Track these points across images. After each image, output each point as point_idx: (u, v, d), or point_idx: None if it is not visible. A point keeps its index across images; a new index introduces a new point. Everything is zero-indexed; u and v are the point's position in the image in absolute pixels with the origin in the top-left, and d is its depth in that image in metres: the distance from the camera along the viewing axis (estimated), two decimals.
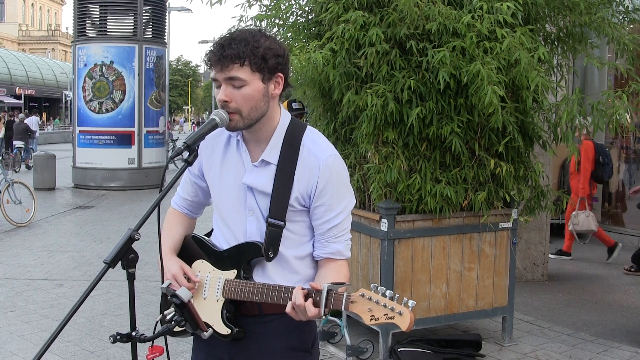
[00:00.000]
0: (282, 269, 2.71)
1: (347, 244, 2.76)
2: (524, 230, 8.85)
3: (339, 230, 2.71)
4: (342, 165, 2.72)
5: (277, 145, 2.68)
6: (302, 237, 2.74)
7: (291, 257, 2.72)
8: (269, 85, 2.60)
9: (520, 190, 6.09)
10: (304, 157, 2.66)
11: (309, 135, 2.72)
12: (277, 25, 6.27)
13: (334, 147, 2.74)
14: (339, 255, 2.73)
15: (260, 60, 2.54)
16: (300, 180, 2.65)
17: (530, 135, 5.98)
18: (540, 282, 9.02)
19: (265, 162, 2.67)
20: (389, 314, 2.28)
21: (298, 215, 2.70)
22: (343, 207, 2.71)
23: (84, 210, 15.72)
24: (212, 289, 2.74)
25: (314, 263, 2.78)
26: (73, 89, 20.48)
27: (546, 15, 6.17)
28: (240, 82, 2.53)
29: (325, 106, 6.26)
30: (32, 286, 8.57)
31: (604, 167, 10.07)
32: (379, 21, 5.52)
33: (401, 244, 5.74)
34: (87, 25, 20.11)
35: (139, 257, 2.45)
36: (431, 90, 5.49)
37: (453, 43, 5.28)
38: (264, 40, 2.58)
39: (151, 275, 8.95)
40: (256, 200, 2.69)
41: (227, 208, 2.77)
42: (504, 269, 6.22)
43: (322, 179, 2.64)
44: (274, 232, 2.65)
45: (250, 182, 2.69)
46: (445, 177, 5.69)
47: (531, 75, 5.26)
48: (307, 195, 2.66)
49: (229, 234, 2.77)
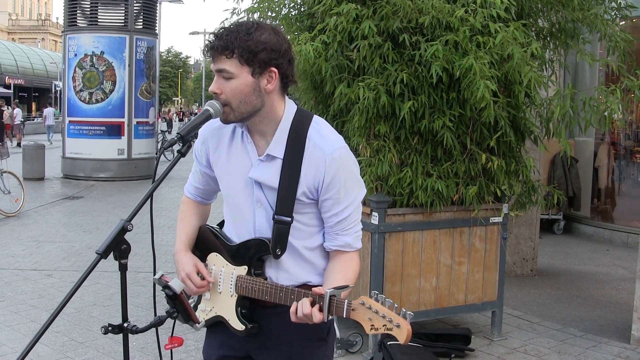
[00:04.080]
0: (294, 259, 2.70)
1: (357, 235, 2.73)
2: (514, 225, 8.87)
3: (348, 223, 2.69)
4: (349, 157, 2.67)
5: (282, 139, 2.64)
6: (312, 227, 2.72)
7: (302, 247, 2.70)
8: (261, 80, 2.55)
9: (511, 185, 6.10)
10: (310, 151, 2.62)
11: (314, 127, 2.67)
12: (269, 17, 6.25)
13: (341, 139, 2.69)
14: (348, 248, 2.71)
15: (247, 54, 2.49)
16: (307, 174, 2.61)
17: (522, 130, 5.98)
18: (530, 277, 9.05)
19: (271, 156, 2.64)
20: (387, 325, 2.28)
21: (307, 207, 2.67)
22: (352, 199, 2.67)
23: (73, 201, 15.66)
24: (226, 284, 2.73)
25: (326, 253, 2.76)
26: (63, 79, 20.42)
27: (539, 10, 6.18)
28: (228, 74, 2.51)
29: (317, 99, 6.25)
30: (21, 276, 8.54)
31: None
32: (371, 14, 5.51)
33: (392, 237, 5.74)
34: (78, 15, 20.03)
35: (131, 248, 2.43)
36: (423, 84, 5.48)
37: (446, 37, 5.28)
38: (260, 33, 2.53)
39: (140, 266, 8.93)
40: (264, 194, 2.67)
41: (236, 201, 2.75)
42: (494, 264, 6.23)
43: (329, 173, 2.60)
44: (281, 228, 2.63)
45: (257, 176, 2.66)
46: (436, 171, 5.69)
47: (524, 70, 5.26)
48: (314, 189, 2.63)
49: (239, 226, 2.76)
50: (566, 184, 11.76)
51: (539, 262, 9.42)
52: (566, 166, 11.72)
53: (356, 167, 2.72)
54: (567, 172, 11.79)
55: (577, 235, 12.24)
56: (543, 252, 10.16)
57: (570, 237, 12.13)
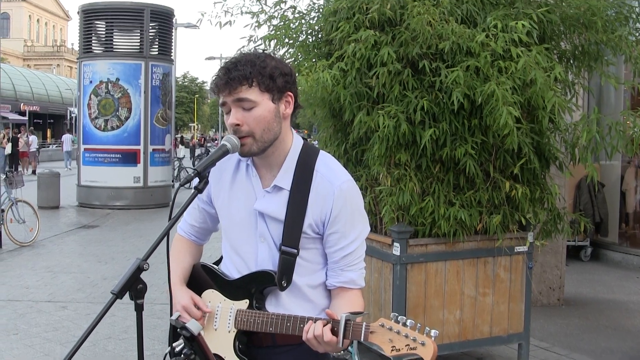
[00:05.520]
0: (295, 297, 2.68)
1: (361, 272, 2.72)
2: (539, 253, 8.79)
3: (353, 258, 2.68)
4: (356, 191, 2.70)
5: (289, 170, 2.65)
6: (316, 265, 2.71)
7: (304, 285, 2.69)
8: (280, 105, 2.59)
9: (536, 213, 6.03)
10: (317, 183, 2.64)
11: (322, 160, 2.70)
12: (286, 44, 6.28)
13: (347, 173, 2.71)
14: (352, 285, 2.70)
15: (268, 80, 2.53)
16: (313, 206, 2.62)
17: (547, 156, 5.93)
18: (557, 306, 8.95)
19: (278, 187, 2.65)
20: (410, 344, 2.24)
21: (311, 242, 2.67)
22: (357, 234, 2.68)
23: (89, 230, 15.74)
24: (224, 319, 2.70)
25: (327, 292, 2.75)
26: (78, 106, 20.59)
27: (561, 32, 6.15)
28: (250, 103, 2.52)
29: (336, 127, 6.25)
30: (35, 308, 8.56)
31: None
32: (390, 40, 5.52)
33: (414, 268, 5.70)
34: (93, 41, 20.27)
35: (147, 288, 2.42)
36: (444, 111, 5.46)
37: (467, 62, 5.26)
38: (270, 60, 2.58)
39: (157, 297, 8.92)
40: (267, 227, 2.66)
41: (237, 235, 2.75)
42: (520, 294, 6.16)
43: (336, 206, 2.61)
44: (288, 260, 2.62)
45: (262, 208, 2.66)
46: (459, 200, 5.66)
47: (547, 95, 5.23)
48: (320, 222, 2.63)
49: (239, 262, 2.74)
50: (593, 209, 11.66)
51: (566, 291, 9.31)
52: (592, 191, 11.62)
53: (362, 201, 2.74)
54: (593, 197, 11.69)
55: (605, 262, 12.11)
56: (570, 280, 10.03)
57: (598, 264, 11.99)
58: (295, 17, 6.36)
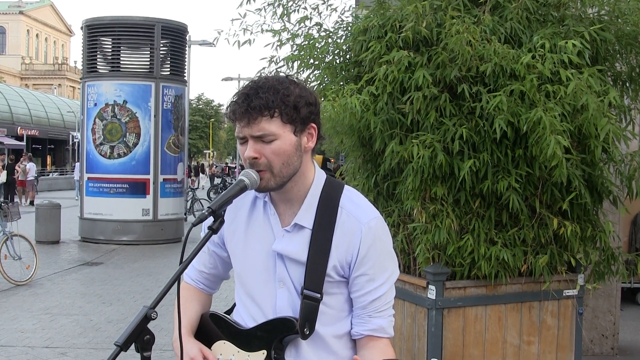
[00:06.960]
0: (317, 348, 2.67)
1: (390, 320, 2.72)
2: (590, 297, 8.73)
3: (382, 304, 2.67)
4: (385, 229, 2.69)
5: (311, 207, 2.64)
6: (340, 312, 2.70)
7: (328, 335, 2.67)
8: (302, 138, 2.58)
9: (587, 253, 6.01)
10: (343, 221, 2.62)
11: (347, 195, 2.69)
12: (311, 65, 6.30)
13: (375, 209, 2.70)
14: (382, 333, 2.69)
15: (292, 111, 2.52)
16: (339, 246, 2.61)
17: (599, 190, 5.92)
18: (611, 356, 8.88)
19: (299, 226, 2.64)
20: None
21: (335, 287, 2.66)
22: (387, 276, 2.67)
23: (92, 267, 15.82)
24: None
25: (352, 343, 2.74)
26: (81, 130, 20.67)
27: (617, 52, 6.14)
28: (271, 136, 2.51)
29: (366, 157, 6.27)
30: (31, 355, 8.60)
31: None
32: (426, 62, 5.54)
33: (451, 313, 5.69)
34: (98, 59, 20.40)
35: (155, 339, 2.42)
36: (485, 140, 5.47)
37: (511, 86, 5.27)
38: (294, 87, 2.56)
39: (166, 343, 8.91)
40: (287, 270, 2.65)
41: (253, 280, 2.73)
42: (569, 343, 6.13)
43: (364, 245, 2.60)
44: (310, 305, 2.60)
45: (282, 249, 2.65)
46: (501, 238, 5.65)
47: (600, 122, 5.20)
48: (346, 264, 2.62)
49: (255, 309, 2.73)
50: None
51: (621, 339, 9.23)
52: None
53: (391, 241, 2.73)
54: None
55: None
56: (625, 326, 9.96)
57: None
58: (321, 35, 6.39)
